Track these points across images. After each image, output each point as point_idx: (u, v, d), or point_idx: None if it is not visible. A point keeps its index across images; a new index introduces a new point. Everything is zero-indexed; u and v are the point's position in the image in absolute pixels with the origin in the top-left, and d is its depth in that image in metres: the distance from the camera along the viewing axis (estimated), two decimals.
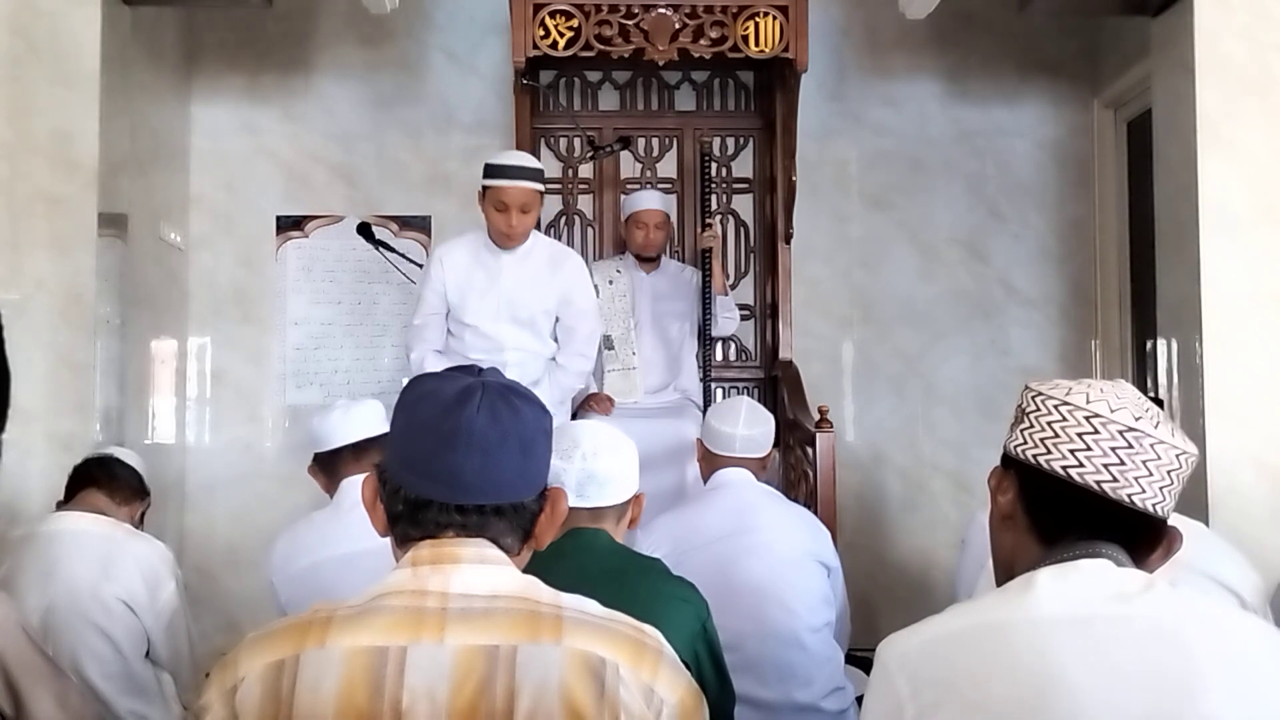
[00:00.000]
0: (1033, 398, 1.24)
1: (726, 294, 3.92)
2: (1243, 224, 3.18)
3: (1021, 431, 1.24)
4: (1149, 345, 3.96)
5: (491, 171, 3.19)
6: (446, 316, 3.36)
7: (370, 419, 2.44)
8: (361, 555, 2.16)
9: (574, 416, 3.55)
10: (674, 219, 4.16)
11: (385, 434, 2.34)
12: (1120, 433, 1.17)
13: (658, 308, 3.92)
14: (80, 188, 3.23)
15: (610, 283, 3.89)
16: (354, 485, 2.34)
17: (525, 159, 3.25)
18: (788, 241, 4.05)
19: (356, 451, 2.40)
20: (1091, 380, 1.24)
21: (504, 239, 3.24)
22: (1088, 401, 1.19)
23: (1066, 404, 1.20)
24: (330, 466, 2.43)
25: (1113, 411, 1.18)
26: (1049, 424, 1.21)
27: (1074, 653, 1.08)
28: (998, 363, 4.43)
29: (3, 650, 1.86)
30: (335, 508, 2.36)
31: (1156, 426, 1.18)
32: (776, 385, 4.04)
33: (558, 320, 3.39)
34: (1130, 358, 4.29)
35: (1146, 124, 3.69)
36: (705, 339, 3.84)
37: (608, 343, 3.82)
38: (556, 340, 3.42)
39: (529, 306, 3.32)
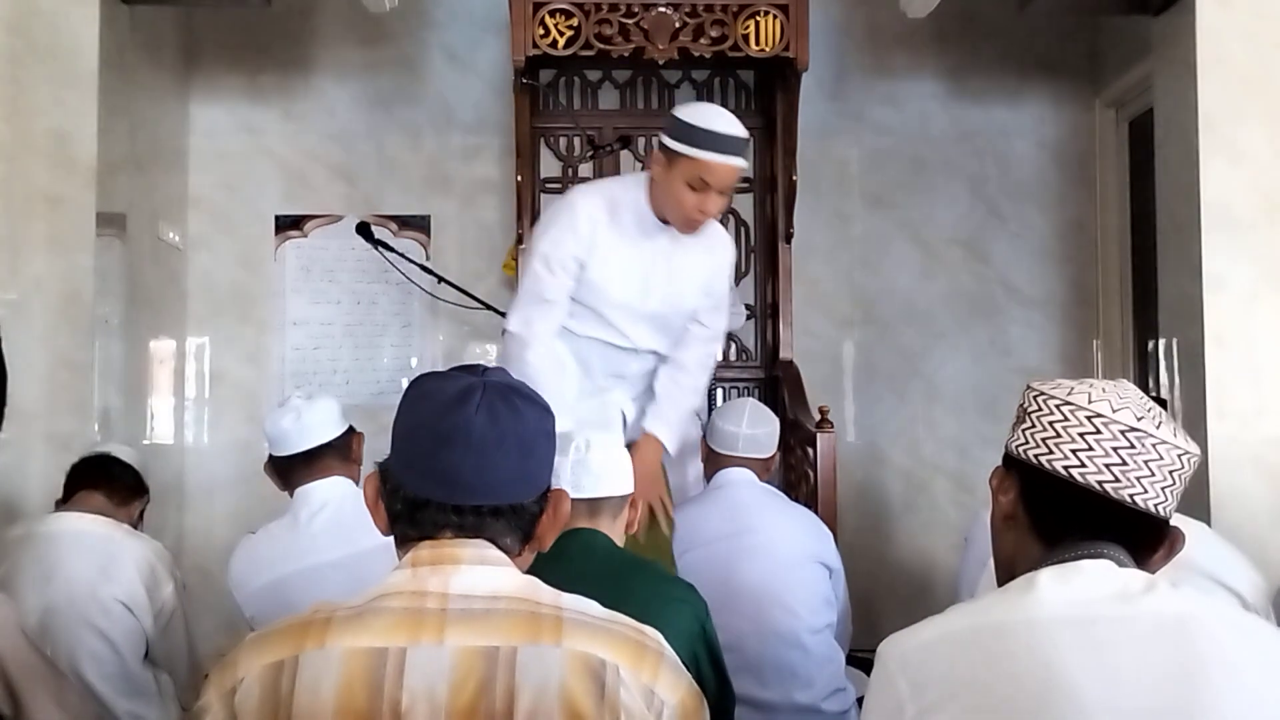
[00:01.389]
0: (1034, 398, 1.24)
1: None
2: (1244, 223, 3.17)
3: (1023, 431, 1.24)
4: (1150, 345, 3.95)
5: (696, 138, 2.36)
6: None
7: (323, 425, 2.32)
8: (325, 568, 2.16)
9: None
10: None
11: (340, 437, 2.33)
12: (1122, 432, 1.17)
13: None
14: (79, 187, 3.22)
15: None
16: (309, 495, 2.28)
17: (738, 126, 2.40)
18: (788, 241, 4.04)
19: (308, 458, 2.30)
20: (1093, 380, 1.24)
21: (687, 225, 2.49)
22: (1090, 401, 1.19)
23: (1068, 404, 1.20)
24: (284, 471, 2.35)
25: (1115, 411, 1.18)
26: (1051, 424, 1.20)
27: (1076, 653, 1.08)
28: (999, 363, 4.43)
29: (1, 651, 1.85)
30: (292, 518, 2.29)
31: (1158, 426, 1.17)
32: (777, 385, 4.03)
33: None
34: (1132, 357, 4.28)
35: (1148, 123, 3.68)
36: None
37: None
38: None
39: (682, 302, 2.61)
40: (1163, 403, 2.28)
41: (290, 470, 2.33)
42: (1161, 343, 3.47)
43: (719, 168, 2.36)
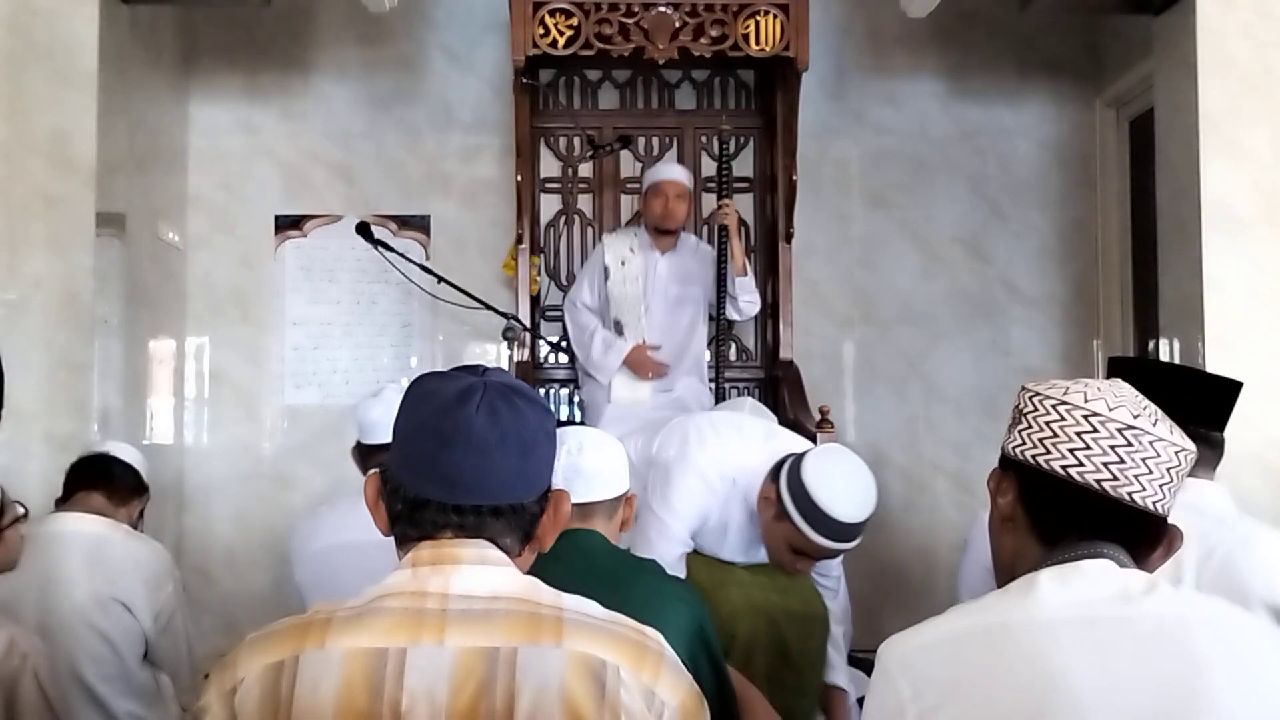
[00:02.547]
0: (1030, 398, 1.24)
1: (746, 274, 3.86)
2: (1245, 223, 3.17)
3: (1020, 433, 1.23)
4: (1151, 345, 3.95)
5: (812, 516, 2.24)
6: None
7: None
8: (374, 545, 2.16)
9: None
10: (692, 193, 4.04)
11: None
12: (1119, 431, 1.16)
13: (670, 291, 3.85)
14: (78, 187, 3.22)
15: (623, 264, 3.80)
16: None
17: (862, 507, 2.27)
18: (788, 241, 4.04)
19: (388, 448, 2.39)
20: (1088, 379, 1.24)
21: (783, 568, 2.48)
22: (1085, 400, 1.19)
23: (1064, 403, 1.19)
24: (368, 458, 2.46)
25: (1111, 410, 1.17)
26: (1047, 424, 1.20)
27: (1077, 654, 1.08)
28: (999, 362, 4.42)
29: (10, 687, 1.81)
30: (357, 495, 2.35)
31: (1155, 424, 1.17)
32: (777, 385, 4.02)
33: None
34: None
35: (1149, 123, 3.68)
36: (719, 322, 3.83)
37: (619, 328, 3.81)
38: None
39: None
40: (1238, 385, 2.19)
41: (374, 458, 2.40)
42: (1162, 342, 3.47)
43: (827, 550, 2.29)
